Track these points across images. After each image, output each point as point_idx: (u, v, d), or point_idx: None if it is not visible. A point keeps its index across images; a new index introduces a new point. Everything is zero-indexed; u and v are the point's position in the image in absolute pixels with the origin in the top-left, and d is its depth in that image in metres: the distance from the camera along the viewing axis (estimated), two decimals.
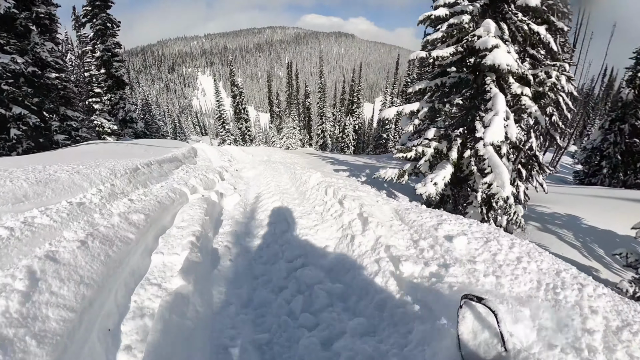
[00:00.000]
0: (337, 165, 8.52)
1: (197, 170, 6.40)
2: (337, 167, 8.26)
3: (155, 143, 10.17)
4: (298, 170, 5.86)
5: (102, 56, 14.63)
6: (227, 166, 7.57)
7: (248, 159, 9.18)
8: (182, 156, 7.57)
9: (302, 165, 7.91)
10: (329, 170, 7.58)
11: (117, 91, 15.04)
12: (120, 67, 14.95)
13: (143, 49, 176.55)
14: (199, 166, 7.34)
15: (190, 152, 8.72)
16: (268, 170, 6.60)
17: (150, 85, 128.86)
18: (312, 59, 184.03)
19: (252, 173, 6.99)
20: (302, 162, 8.35)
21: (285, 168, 6.57)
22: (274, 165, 7.33)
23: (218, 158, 8.94)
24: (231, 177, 6.41)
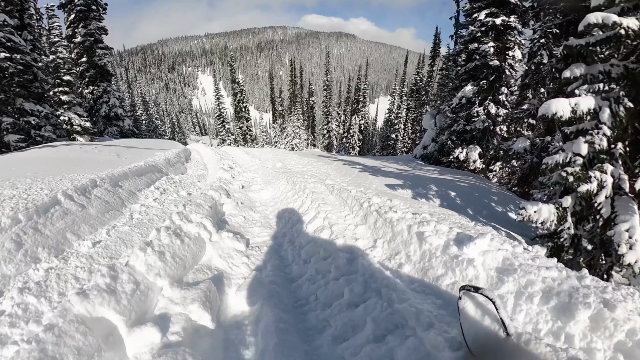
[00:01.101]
0: (376, 175, 6.29)
1: (182, 189, 4.73)
2: (384, 179, 5.89)
3: (139, 144, 8.33)
4: (358, 194, 3.68)
5: (84, 42, 12.67)
6: (228, 179, 5.55)
7: (254, 164, 7.28)
8: (164, 163, 5.75)
9: (335, 176, 5.90)
10: (380, 186, 5.36)
11: (100, 83, 13.10)
12: (104, 56, 13.04)
13: (143, 48, 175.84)
14: (186, 180, 5.52)
15: (179, 156, 6.84)
16: (298, 190, 4.28)
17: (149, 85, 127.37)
18: (313, 59, 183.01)
19: (268, 194, 4.88)
20: (329, 170, 6.26)
21: (327, 188, 4.32)
22: (300, 179, 5.04)
23: (216, 163, 7.02)
24: (237, 208, 4.06)
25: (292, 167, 6.84)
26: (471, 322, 1.35)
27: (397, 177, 6.11)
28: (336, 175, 5.73)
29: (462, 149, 12.72)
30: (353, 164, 7.94)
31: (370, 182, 5.50)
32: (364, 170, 6.83)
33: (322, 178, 5.12)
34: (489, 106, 12.25)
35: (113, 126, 13.60)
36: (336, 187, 4.02)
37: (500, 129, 12.48)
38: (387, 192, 4.72)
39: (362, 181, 5.50)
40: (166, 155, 6.19)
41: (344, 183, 4.73)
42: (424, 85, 31.85)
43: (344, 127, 37.90)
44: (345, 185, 4.41)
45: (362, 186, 4.43)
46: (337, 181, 4.87)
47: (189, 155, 8.11)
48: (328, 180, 4.79)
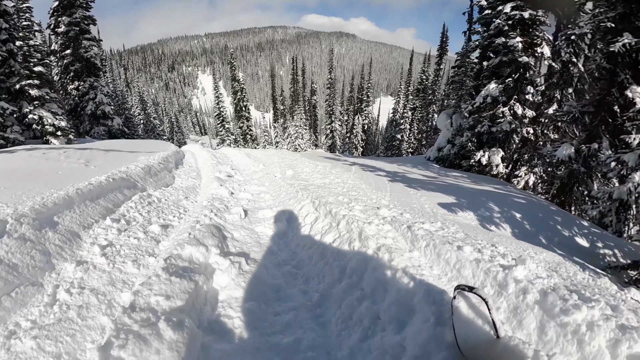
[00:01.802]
0: (413, 186, 5.06)
1: (156, 218, 3.46)
2: (428, 194, 4.62)
3: (124, 146, 7.21)
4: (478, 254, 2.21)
5: (68, 32, 11.46)
6: (224, 197, 4.38)
7: (257, 170, 6.05)
8: (141, 174, 4.46)
9: (368, 191, 4.53)
10: (433, 207, 4.18)
11: (87, 78, 11.91)
12: (91, 47, 11.86)
13: (143, 48, 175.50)
14: (169, 197, 4.29)
15: (166, 161, 5.63)
16: (350, 238, 2.67)
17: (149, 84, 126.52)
18: (314, 59, 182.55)
19: (289, 231, 3.61)
20: (356, 181, 4.93)
21: (400, 235, 2.69)
22: (332, 200, 3.75)
23: (212, 169, 5.77)
24: (239, 280, 2.37)
25: (307, 176, 5.45)
26: (463, 322, 1.34)
27: (440, 190, 4.94)
28: (369, 189, 4.47)
29: (484, 152, 11.65)
30: (373, 170, 6.78)
31: (418, 200, 4.34)
32: (392, 179, 5.65)
33: (358, 197, 3.90)
34: (514, 106, 11.17)
35: (100, 126, 12.39)
36: (423, 235, 2.45)
37: (527, 132, 11.42)
38: (450, 219, 3.59)
39: (406, 199, 4.33)
40: (148, 162, 4.99)
41: (392, 205, 3.63)
42: (430, 84, 30.83)
43: (346, 127, 36.88)
44: (396, 210, 3.29)
45: (420, 213, 3.31)
46: (380, 201, 3.67)
47: (182, 159, 6.97)
48: (383, 210, 3.24)
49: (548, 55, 11.09)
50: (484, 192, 5.47)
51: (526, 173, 11.63)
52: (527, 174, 11.61)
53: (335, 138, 32.68)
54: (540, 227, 4.53)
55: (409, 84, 33.50)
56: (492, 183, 7.35)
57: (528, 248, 2.64)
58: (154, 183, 4.58)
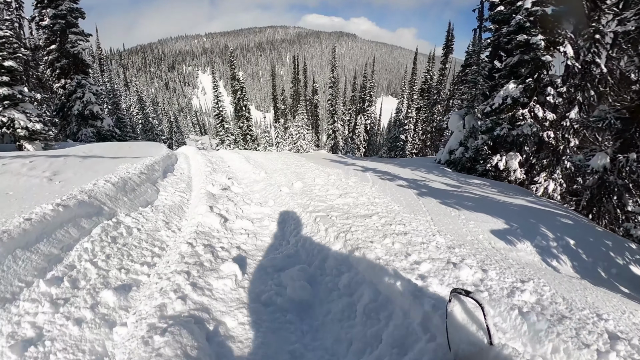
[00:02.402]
0: (449, 203, 4.28)
1: (114, 272, 2.47)
2: (472, 215, 3.92)
3: (109, 150, 6.41)
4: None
5: (52, 25, 10.62)
6: (216, 233, 3.39)
7: (258, 179, 5.07)
8: (110, 193, 3.53)
9: (403, 212, 3.56)
10: (487, 235, 3.48)
11: (74, 75, 11.07)
12: (78, 42, 11.03)
13: (143, 48, 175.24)
14: (144, 226, 3.35)
15: (152, 170, 4.74)
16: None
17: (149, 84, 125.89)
18: (314, 59, 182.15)
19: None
20: (389, 202, 3.88)
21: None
22: (379, 251, 2.50)
23: (205, 179, 4.90)
24: None
25: (321, 191, 4.40)
26: (457, 327, 1.31)
27: (481, 209, 4.08)
28: (405, 212, 3.30)
29: (501, 157, 10.88)
30: (390, 178, 5.93)
31: (466, 226, 3.48)
32: (418, 192, 4.77)
33: (402, 231, 2.80)
34: (534, 108, 10.40)
35: (89, 127, 11.54)
36: (545, 331, 1.52)
37: (547, 136, 10.66)
38: (515, 258, 2.81)
39: (454, 226, 3.46)
40: (125, 174, 4.09)
41: (450, 242, 2.64)
42: (435, 84, 30.08)
43: (349, 127, 36.16)
44: (473, 263, 2.22)
45: (484, 253, 2.49)
46: (436, 239, 2.65)
47: (173, 165, 6.16)
48: (464, 270, 2.10)
49: (571, 54, 10.32)
50: (526, 210, 4.68)
51: (545, 179, 10.88)
52: (547, 181, 10.85)
53: (337, 138, 31.90)
54: (595, 256, 3.82)
55: (413, 84, 32.75)
56: (520, 193, 6.58)
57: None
58: (128, 203, 3.65)
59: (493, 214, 4.00)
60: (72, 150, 6.10)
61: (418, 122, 30.70)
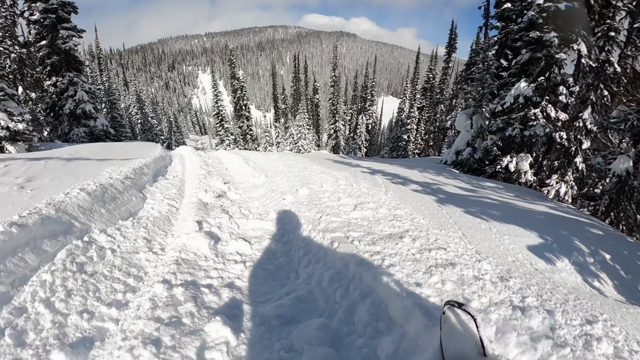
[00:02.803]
0: (473, 212, 3.83)
1: (61, 344, 1.73)
2: (500, 227, 3.51)
3: (97, 151, 5.97)
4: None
5: (42, 20, 10.15)
6: (203, 262, 2.74)
7: (258, 183, 4.49)
8: (85, 205, 3.03)
9: (438, 234, 2.86)
10: (522, 251, 3.12)
11: (66, 73, 10.60)
12: (70, 38, 10.55)
13: (143, 47, 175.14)
14: (121, 247, 2.81)
15: (138, 175, 4.21)
16: None
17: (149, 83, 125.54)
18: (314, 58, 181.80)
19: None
20: (412, 213, 3.44)
21: None
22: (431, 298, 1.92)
23: (199, 185, 4.39)
24: None
25: (331, 200, 3.77)
26: (451, 338, 1.33)
27: (510, 220, 3.57)
28: (433, 227, 2.86)
29: (512, 158, 10.45)
30: (402, 181, 5.43)
31: (501, 241, 2.99)
32: (436, 198, 4.28)
33: (444, 261, 2.25)
34: (547, 108, 9.97)
35: (81, 126, 11.07)
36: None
37: (560, 136, 10.23)
38: (559, 282, 2.37)
39: (489, 243, 2.97)
40: (106, 180, 3.59)
41: (488, 265, 2.22)
42: (438, 83, 29.64)
43: (350, 127, 35.73)
44: (536, 306, 1.70)
45: (531, 280, 2.05)
46: (482, 267, 2.13)
47: (166, 167, 5.73)
48: (534, 320, 1.56)
49: (585, 52, 9.89)
50: (553, 220, 4.25)
51: (557, 182, 10.45)
52: (558, 183, 10.43)
53: (339, 138, 31.46)
54: (634, 273, 3.45)
55: (416, 83, 32.31)
56: (537, 198, 6.16)
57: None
58: (106, 215, 3.13)
59: (523, 225, 3.56)
60: (57, 152, 5.66)
61: (420, 121, 30.28)
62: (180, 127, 61.11)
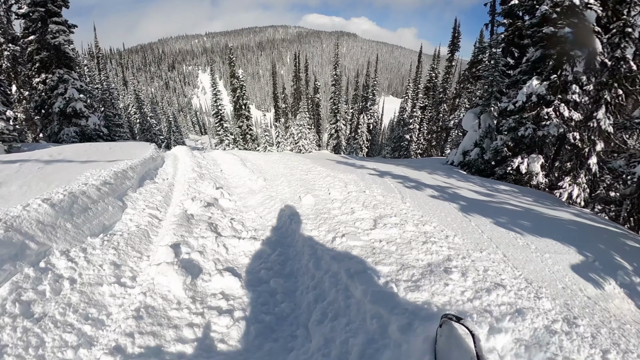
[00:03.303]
0: (500, 223, 3.44)
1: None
2: (535, 241, 3.12)
3: (82, 153, 5.53)
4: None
5: (30, 13, 9.66)
6: (174, 314, 2.06)
7: (255, 188, 4.00)
8: (47, 220, 2.47)
9: (478, 256, 2.49)
10: (579, 283, 2.48)
11: (55, 69, 10.12)
12: (60, 33, 10.05)
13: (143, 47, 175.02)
14: (69, 295, 2.04)
15: (120, 179, 3.70)
16: None
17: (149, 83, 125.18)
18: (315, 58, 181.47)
19: None
20: (442, 227, 3.10)
21: None
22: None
23: (187, 191, 3.95)
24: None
25: (344, 213, 3.15)
26: (446, 353, 1.29)
27: (544, 233, 3.05)
28: (471, 248, 2.56)
29: (523, 159, 10.00)
30: (415, 186, 4.94)
31: (544, 262, 2.47)
32: (458, 206, 3.74)
33: (502, 307, 1.76)
34: (559, 107, 9.52)
35: (72, 126, 10.59)
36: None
37: (574, 137, 9.80)
38: (616, 313, 1.91)
39: (534, 266, 2.41)
40: (78, 188, 3.03)
41: (549, 302, 1.82)
42: (441, 82, 29.19)
43: (351, 127, 35.28)
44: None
45: (585, 314, 1.62)
46: (517, 283, 1.85)
47: (156, 169, 5.28)
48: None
49: (600, 50, 9.42)
50: (584, 230, 3.79)
51: (570, 184, 10.00)
52: (571, 185, 9.98)
53: (340, 138, 31.01)
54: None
55: (418, 82, 31.83)
56: (556, 203, 5.72)
57: None
58: (72, 231, 2.59)
59: (557, 238, 3.11)
60: (38, 153, 5.21)
61: (423, 121, 29.82)
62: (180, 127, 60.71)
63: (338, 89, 31.04)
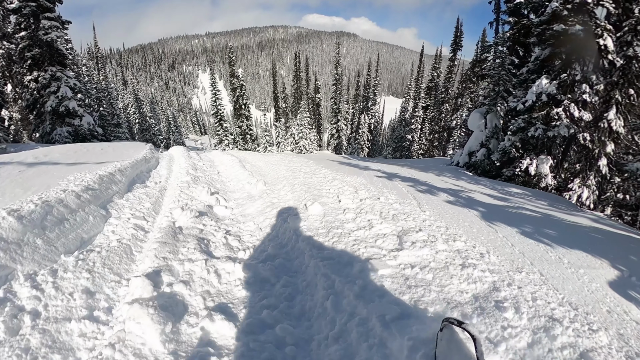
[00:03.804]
0: (545, 240, 2.97)
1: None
2: (590, 265, 2.64)
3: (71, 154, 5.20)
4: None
5: (21, 8, 9.28)
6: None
7: (256, 194, 3.50)
8: (4, 238, 1.98)
9: (515, 278, 2.13)
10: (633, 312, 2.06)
11: (48, 67, 9.76)
12: (53, 29, 9.68)
13: (143, 47, 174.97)
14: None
15: (106, 184, 3.33)
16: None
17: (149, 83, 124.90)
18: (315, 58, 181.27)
19: None
20: (474, 243, 2.67)
21: None
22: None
23: (178, 198, 3.60)
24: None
25: (357, 225, 2.79)
26: (446, 357, 1.28)
27: (571, 243, 2.71)
28: (507, 264, 2.26)
29: (532, 160, 9.70)
30: (427, 189, 4.56)
31: (580, 279, 2.11)
32: (480, 215, 3.38)
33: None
34: (569, 107, 9.23)
35: (65, 125, 10.23)
36: None
37: (584, 138, 9.51)
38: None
39: (572, 284, 2.05)
40: (55, 195, 2.60)
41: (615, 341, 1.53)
42: (443, 82, 28.90)
43: (352, 127, 35.00)
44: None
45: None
46: (572, 314, 1.56)
47: (149, 171, 4.97)
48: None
49: (612, 48, 9.14)
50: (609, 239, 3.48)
51: (579, 186, 9.71)
52: (580, 187, 9.69)
53: (341, 138, 30.71)
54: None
55: (420, 82, 31.53)
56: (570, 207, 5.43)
57: None
58: (43, 248, 2.17)
59: (586, 250, 2.80)
60: (22, 155, 4.88)
61: (425, 121, 29.52)
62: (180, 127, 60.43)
63: (339, 89, 30.74)
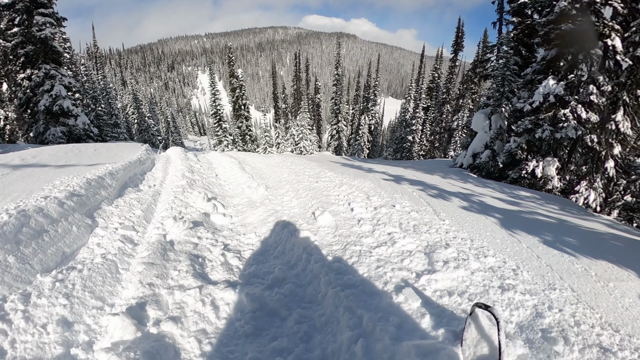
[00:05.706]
0: (569, 251, 2.74)
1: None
2: (622, 282, 2.38)
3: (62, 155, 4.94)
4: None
5: (13, 4, 8.96)
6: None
7: (257, 200, 3.00)
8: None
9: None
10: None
11: (42, 65, 9.47)
12: (47, 26, 9.39)
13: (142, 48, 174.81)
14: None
15: (94, 188, 3.03)
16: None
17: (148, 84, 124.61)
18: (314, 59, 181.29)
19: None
20: (511, 263, 2.34)
21: None
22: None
23: (172, 204, 3.30)
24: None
25: (376, 240, 2.46)
26: (473, 339, 1.34)
27: (596, 254, 2.47)
28: (540, 282, 2.00)
29: (538, 162, 9.50)
30: (439, 194, 4.28)
31: (612, 294, 1.84)
32: (498, 222, 3.06)
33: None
34: (577, 108, 9.04)
35: (59, 125, 9.93)
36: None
37: (591, 140, 9.33)
38: None
39: (605, 301, 1.84)
40: (33, 204, 2.25)
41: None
42: (444, 82, 28.73)
43: (352, 128, 34.81)
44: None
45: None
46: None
47: (144, 173, 4.72)
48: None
49: (620, 48, 8.97)
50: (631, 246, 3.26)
51: (586, 189, 9.51)
52: (587, 190, 9.49)
53: (341, 139, 30.50)
54: None
55: (420, 83, 31.36)
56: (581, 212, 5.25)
57: None
58: (16, 267, 1.84)
59: (610, 259, 2.59)
60: (9, 156, 4.61)
61: (426, 122, 29.34)
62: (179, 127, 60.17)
63: (339, 89, 30.54)
